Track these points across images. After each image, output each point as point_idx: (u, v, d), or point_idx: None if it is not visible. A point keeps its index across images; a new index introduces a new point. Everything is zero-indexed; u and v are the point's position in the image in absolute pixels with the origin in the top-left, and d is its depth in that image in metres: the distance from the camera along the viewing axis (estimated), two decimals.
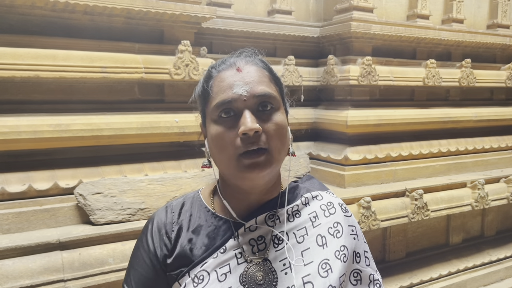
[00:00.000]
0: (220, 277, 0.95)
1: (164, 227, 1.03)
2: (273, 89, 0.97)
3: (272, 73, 1.00)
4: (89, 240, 2.08)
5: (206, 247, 0.98)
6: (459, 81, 3.70)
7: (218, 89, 0.94)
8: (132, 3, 2.40)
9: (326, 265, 0.97)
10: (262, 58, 1.02)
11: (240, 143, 0.90)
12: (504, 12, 4.11)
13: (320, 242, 1.00)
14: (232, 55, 1.01)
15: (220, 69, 0.97)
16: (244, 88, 0.92)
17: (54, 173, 2.27)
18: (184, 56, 2.56)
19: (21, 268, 1.89)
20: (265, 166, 0.91)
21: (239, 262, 0.96)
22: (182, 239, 1.01)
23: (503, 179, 3.66)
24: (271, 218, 1.01)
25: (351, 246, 1.03)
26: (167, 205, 1.08)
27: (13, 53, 2.16)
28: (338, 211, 1.07)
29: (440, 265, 3.45)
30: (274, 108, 0.94)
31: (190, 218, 1.03)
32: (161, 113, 2.57)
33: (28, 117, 2.21)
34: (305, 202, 1.06)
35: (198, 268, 0.96)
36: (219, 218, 1.02)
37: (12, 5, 2.22)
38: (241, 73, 0.94)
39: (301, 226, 1.02)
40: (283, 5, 3.32)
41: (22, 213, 2.14)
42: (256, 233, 0.99)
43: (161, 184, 2.38)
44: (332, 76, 3.29)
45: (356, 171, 3.17)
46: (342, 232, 1.03)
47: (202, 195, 1.09)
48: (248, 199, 1.00)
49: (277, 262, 0.97)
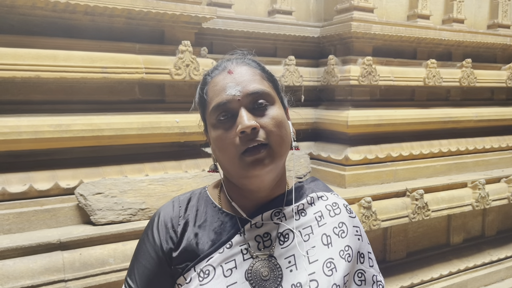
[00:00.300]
0: (226, 272, 0.96)
1: (170, 221, 1.03)
2: (266, 85, 0.99)
3: (264, 70, 1.02)
4: (90, 240, 2.08)
5: (212, 242, 0.99)
6: (459, 81, 3.70)
7: (212, 93, 0.97)
8: (132, 4, 2.40)
9: (331, 264, 0.98)
10: (252, 58, 1.04)
11: (240, 141, 0.92)
12: (505, 12, 4.11)
13: (325, 241, 1.01)
14: (223, 60, 1.03)
15: (213, 75, 1.00)
16: (237, 88, 0.94)
17: (55, 173, 2.27)
18: (184, 56, 2.56)
19: (22, 268, 1.89)
20: (267, 161, 0.92)
21: (245, 258, 0.97)
22: (188, 233, 1.01)
23: (504, 179, 3.66)
24: (277, 216, 1.02)
25: (356, 246, 1.04)
26: (174, 200, 1.09)
27: (13, 54, 2.16)
28: (343, 211, 1.08)
29: (441, 265, 3.45)
30: (269, 104, 0.96)
31: (196, 213, 1.04)
32: (161, 113, 2.57)
33: (29, 117, 2.21)
34: (311, 201, 1.07)
35: (204, 263, 0.97)
36: (226, 213, 1.03)
37: (13, 6, 2.23)
38: (233, 75, 0.96)
39: (307, 225, 1.03)
40: (283, 5, 3.32)
41: (23, 213, 2.14)
42: (262, 229, 1.01)
43: (162, 184, 2.38)
44: (332, 76, 3.29)
45: (357, 171, 3.17)
46: (347, 233, 1.04)
47: (209, 191, 1.10)
48: (254, 197, 1.02)
49: (283, 259, 0.98)
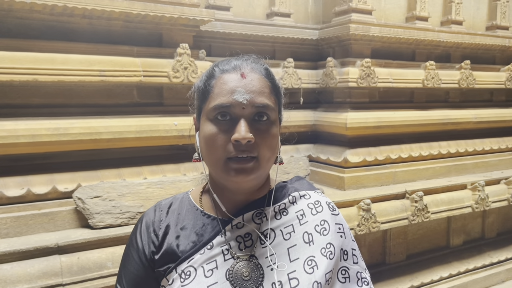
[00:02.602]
0: (207, 272, 0.96)
1: (152, 225, 1.05)
2: (272, 100, 0.99)
3: (274, 84, 1.02)
4: (87, 244, 2.07)
5: (193, 244, 1.00)
6: (458, 83, 3.70)
7: (219, 90, 0.96)
8: (130, 7, 2.40)
9: (312, 262, 0.98)
10: (267, 67, 1.03)
11: (231, 148, 0.92)
12: (503, 14, 4.11)
13: (306, 240, 1.02)
14: (237, 57, 1.02)
15: (224, 70, 0.98)
16: (245, 96, 0.93)
17: (53, 177, 2.27)
18: (182, 59, 2.56)
19: (20, 272, 1.88)
20: (252, 172, 0.94)
21: (226, 258, 0.98)
22: (169, 236, 1.02)
23: (504, 180, 3.65)
24: (258, 216, 1.03)
25: (338, 243, 1.03)
26: (156, 205, 1.10)
27: (11, 57, 2.16)
28: (325, 209, 1.08)
29: (441, 267, 3.44)
30: (270, 120, 0.96)
31: (178, 217, 1.06)
32: (160, 116, 2.56)
33: (27, 121, 2.21)
34: (293, 200, 1.08)
35: (185, 264, 0.98)
36: (207, 215, 1.04)
37: (11, 9, 2.22)
38: (244, 80, 0.95)
39: (288, 224, 1.03)
40: (282, 7, 3.32)
41: (20, 217, 2.14)
42: (243, 230, 1.01)
43: (160, 188, 2.37)
44: (331, 78, 3.28)
45: (356, 173, 3.16)
46: (328, 230, 1.04)
47: (191, 195, 1.11)
48: (235, 197, 1.03)
49: (263, 258, 0.99)
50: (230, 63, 0.99)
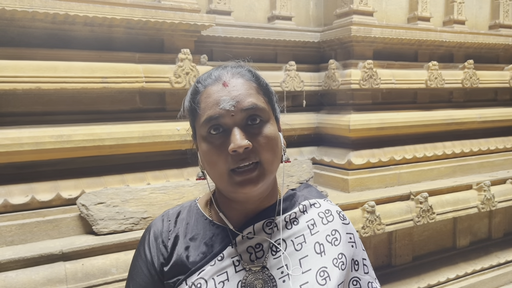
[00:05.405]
0: (218, 285, 0.94)
1: (160, 236, 1.02)
2: (261, 100, 0.96)
3: (260, 83, 0.99)
4: (92, 250, 2.08)
5: (203, 255, 0.98)
6: (462, 83, 3.68)
7: (205, 105, 0.94)
8: (131, 13, 2.41)
9: (324, 273, 0.96)
10: (249, 68, 1.00)
11: (231, 160, 0.90)
12: (506, 12, 4.08)
13: (318, 250, 0.99)
14: (217, 68, 1.00)
15: (206, 84, 0.96)
16: (231, 103, 0.91)
17: (57, 184, 2.28)
18: (184, 65, 2.57)
19: (25, 279, 1.89)
20: (258, 180, 0.91)
21: (237, 270, 0.96)
22: (179, 247, 1.00)
23: (510, 180, 3.62)
24: (268, 226, 1.01)
25: (349, 254, 1.02)
26: (163, 214, 1.08)
27: (14, 66, 2.18)
28: (336, 218, 1.06)
29: (448, 269, 3.41)
30: (264, 121, 0.94)
31: (187, 226, 1.03)
32: (162, 121, 2.57)
33: (30, 128, 2.22)
34: (303, 209, 1.05)
35: (195, 276, 0.96)
36: (217, 226, 1.02)
37: (13, 18, 2.24)
38: (228, 88, 0.93)
39: (299, 234, 1.01)
40: (283, 11, 3.33)
41: (25, 225, 2.15)
42: (254, 240, 0.99)
43: (164, 193, 2.38)
44: (333, 80, 3.28)
45: (360, 175, 3.15)
46: (340, 240, 1.02)
47: (199, 204, 1.09)
48: (244, 208, 1.00)
49: (275, 269, 0.96)
50: (211, 75, 0.97)
